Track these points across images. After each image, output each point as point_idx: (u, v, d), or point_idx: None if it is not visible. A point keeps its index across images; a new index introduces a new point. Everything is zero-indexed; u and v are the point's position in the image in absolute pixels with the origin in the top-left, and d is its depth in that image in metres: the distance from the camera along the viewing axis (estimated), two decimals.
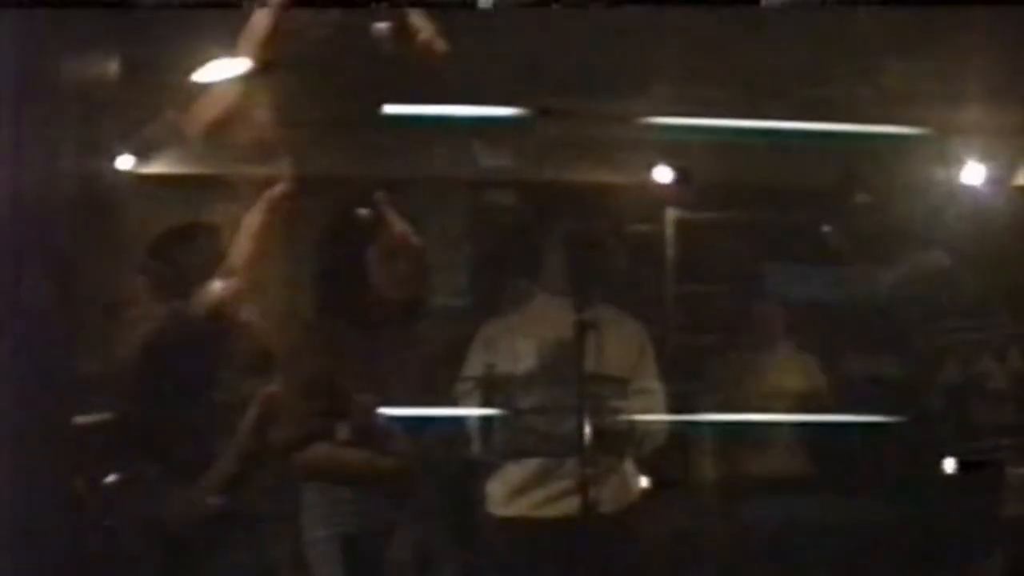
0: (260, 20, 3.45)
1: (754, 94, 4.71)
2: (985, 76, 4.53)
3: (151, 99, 3.87)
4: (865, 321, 4.78)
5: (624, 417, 4.37)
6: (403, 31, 3.44)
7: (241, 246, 3.62)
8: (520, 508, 4.37)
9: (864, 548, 4.30)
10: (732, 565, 4.63)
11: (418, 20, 3.47)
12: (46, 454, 3.16)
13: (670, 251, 5.43)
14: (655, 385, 4.48)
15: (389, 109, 3.93)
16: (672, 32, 4.20)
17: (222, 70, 3.62)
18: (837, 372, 4.78)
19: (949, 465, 4.32)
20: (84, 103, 3.52)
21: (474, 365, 4.40)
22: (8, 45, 2.98)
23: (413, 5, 3.52)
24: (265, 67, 3.48)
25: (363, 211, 4.01)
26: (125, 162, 3.96)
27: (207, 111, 3.53)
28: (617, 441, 4.37)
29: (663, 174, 5.04)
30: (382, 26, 3.44)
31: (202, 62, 3.63)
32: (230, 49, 3.58)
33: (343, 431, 3.99)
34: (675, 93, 4.67)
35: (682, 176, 5.00)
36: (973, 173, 4.94)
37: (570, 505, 4.27)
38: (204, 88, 3.62)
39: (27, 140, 3.02)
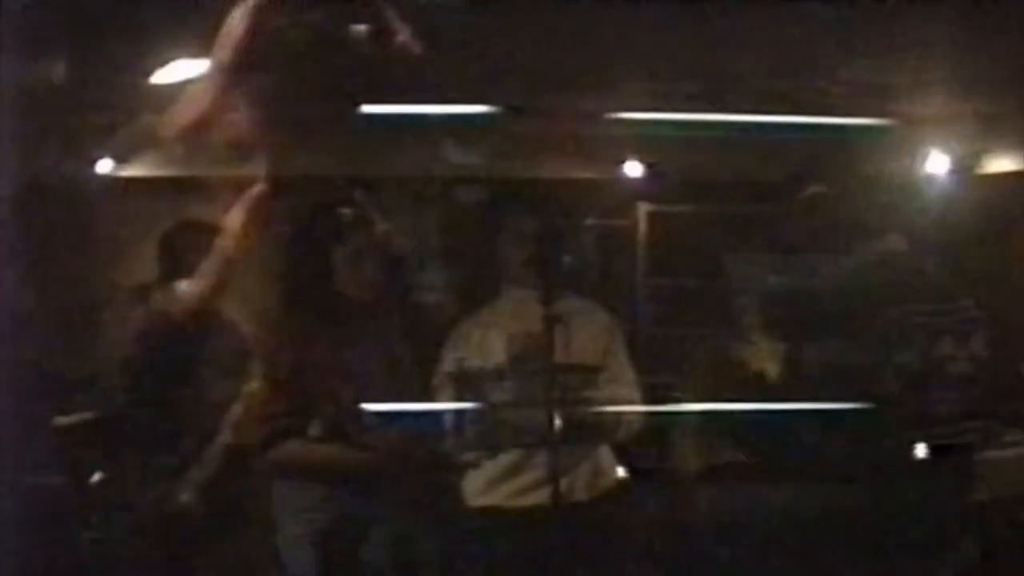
0: (236, 22, 3.46)
1: (721, 88, 4.76)
2: (944, 66, 4.59)
3: (126, 100, 3.89)
4: (828, 308, 4.82)
5: (596, 406, 4.40)
6: (380, 33, 3.46)
7: (221, 246, 3.63)
8: (495, 498, 4.39)
9: (834, 534, 4.34)
10: (708, 552, 4.68)
11: (395, 21, 3.49)
12: (26, 453, 3.17)
13: (639, 243, 5.48)
14: (627, 373, 4.49)
15: (363, 108, 3.96)
16: (640, 28, 4.24)
17: (198, 71, 3.63)
18: (804, 360, 4.82)
19: (916, 451, 4.37)
20: (58, 104, 3.53)
21: (447, 360, 4.42)
22: None
23: None
24: (241, 68, 3.49)
25: (343, 210, 4.04)
26: (102, 165, 3.97)
27: (183, 113, 3.53)
28: (590, 430, 4.40)
29: (632, 168, 5.09)
30: (359, 27, 3.46)
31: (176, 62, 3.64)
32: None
33: (316, 427, 4.01)
34: (643, 88, 4.71)
35: (651, 170, 5.04)
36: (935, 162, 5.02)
37: (544, 494, 4.26)
38: (180, 89, 3.63)
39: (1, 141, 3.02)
